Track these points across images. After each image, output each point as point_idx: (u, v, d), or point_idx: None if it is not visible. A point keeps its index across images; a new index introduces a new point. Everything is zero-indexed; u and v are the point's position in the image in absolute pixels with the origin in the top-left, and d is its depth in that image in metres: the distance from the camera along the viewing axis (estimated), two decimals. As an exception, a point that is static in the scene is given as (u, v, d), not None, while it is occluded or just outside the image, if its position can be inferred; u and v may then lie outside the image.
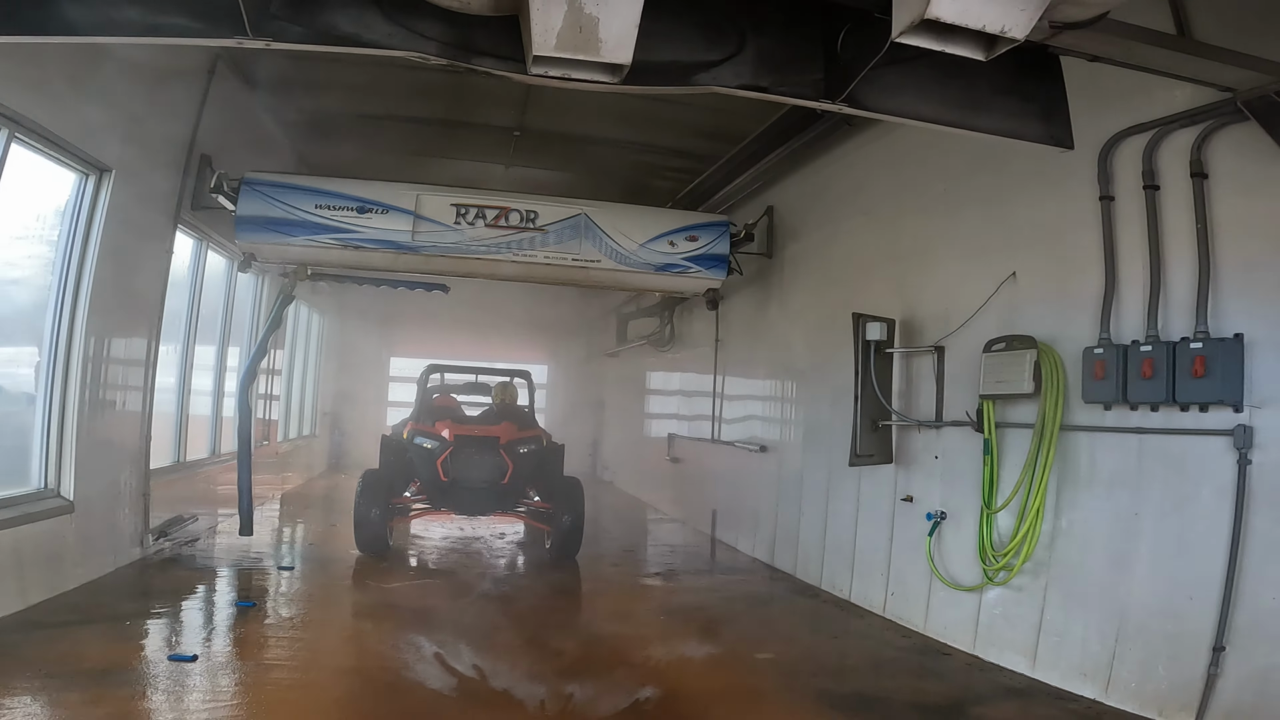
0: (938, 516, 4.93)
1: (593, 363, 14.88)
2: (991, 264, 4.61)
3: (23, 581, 4.64)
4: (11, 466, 4.98)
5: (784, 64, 3.00)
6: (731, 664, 4.66)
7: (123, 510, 5.94)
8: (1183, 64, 2.96)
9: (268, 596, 5.69)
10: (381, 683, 4.11)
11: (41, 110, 4.45)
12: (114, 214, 5.30)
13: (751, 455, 7.59)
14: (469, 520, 8.33)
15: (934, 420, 5.01)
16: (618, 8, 2.48)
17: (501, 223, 6.68)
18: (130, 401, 6.01)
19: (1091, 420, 3.94)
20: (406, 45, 2.73)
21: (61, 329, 5.06)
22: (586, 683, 4.22)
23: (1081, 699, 3.94)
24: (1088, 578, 3.98)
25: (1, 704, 3.25)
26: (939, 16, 2.22)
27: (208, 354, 7.97)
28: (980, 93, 3.22)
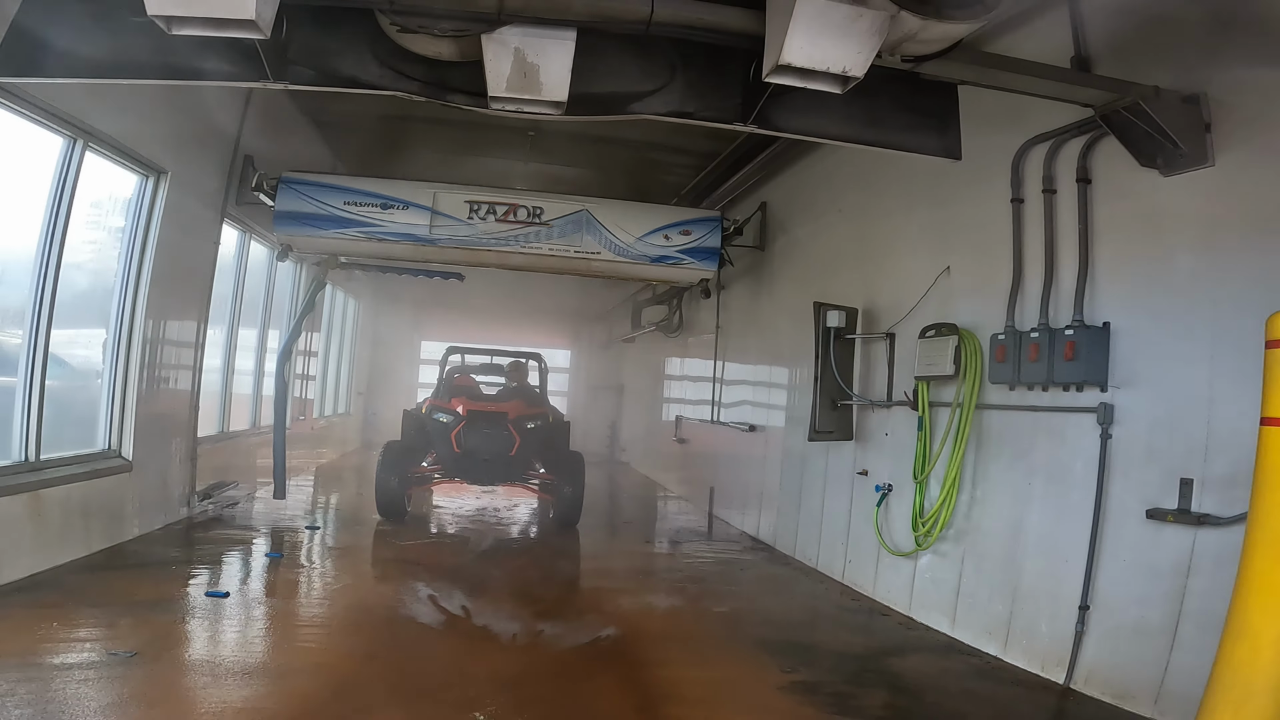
0: (885, 489, 5.55)
1: (612, 348, 15.69)
2: (933, 260, 5.20)
3: (88, 532, 5.59)
4: (82, 432, 5.97)
5: (707, 92, 3.68)
6: (689, 615, 5.40)
7: (172, 473, 6.93)
8: (1039, 85, 3.53)
9: (295, 550, 6.62)
10: (381, 617, 4.96)
11: (109, 122, 5.36)
12: (169, 210, 6.24)
13: (743, 436, 8.27)
14: (484, 493, 9.20)
15: (885, 400, 5.63)
16: (554, 58, 3.20)
17: (510, 218, 7.47)
18: (181, 376, 6.99)
19: (1000, 399, 4.54)
20: (395, 85, 3.50)
21: (125, 312, 6.03)
22: (557, 623, 5.02)
23: (985, 655, 4.52)
24: (993, 544, 4.58)
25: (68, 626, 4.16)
26: (791, 62, 2.88)
27: (249, 336, 8.98)
28: (882, 111, 3.83)
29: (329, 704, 3.49)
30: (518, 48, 3.19)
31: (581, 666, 4.32)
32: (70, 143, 5.14)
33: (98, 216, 6.09)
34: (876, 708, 3.84)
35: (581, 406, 15.10)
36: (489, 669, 4.10)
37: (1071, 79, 3.48)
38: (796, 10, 2.80)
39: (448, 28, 3.16)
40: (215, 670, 3.87)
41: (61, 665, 3.59)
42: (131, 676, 3.55)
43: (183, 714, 3.31)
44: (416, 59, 3.43)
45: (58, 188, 5.10)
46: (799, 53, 2.87)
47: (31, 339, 5.01)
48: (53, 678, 3.46)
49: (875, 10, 2.82)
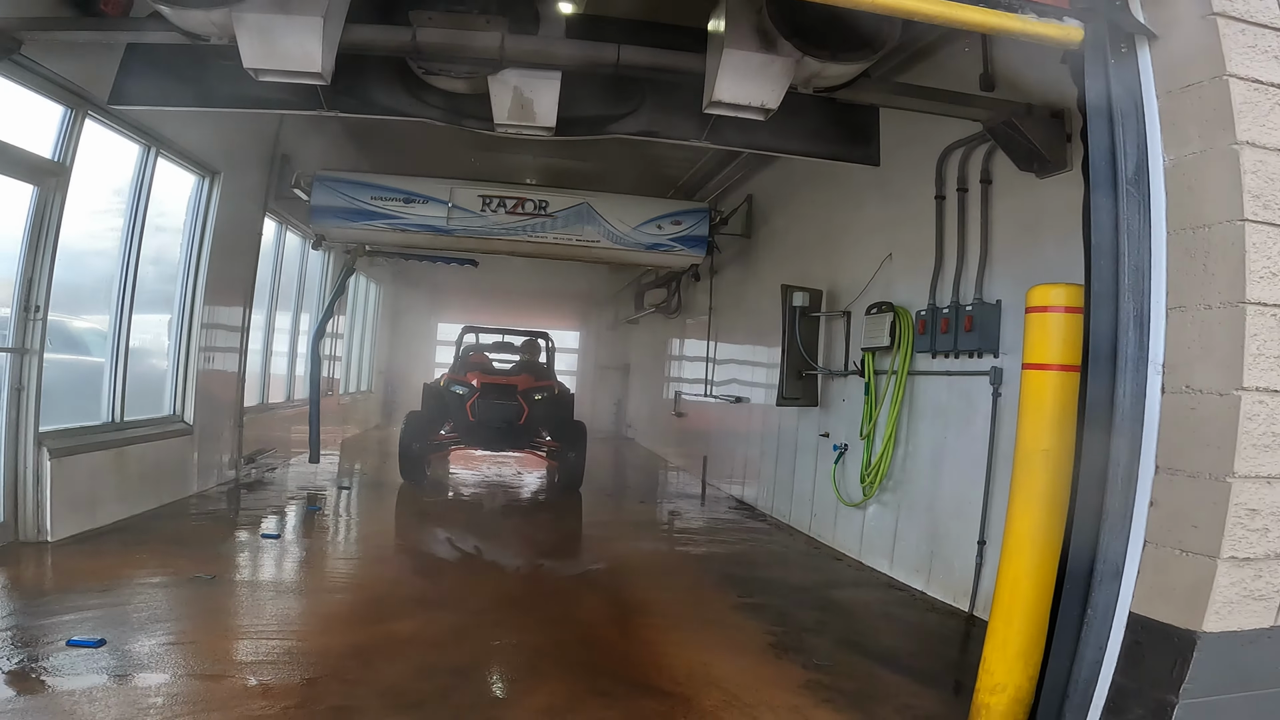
0: (842, 448, 6.56)
1: (619, 329, 16.77)
2: (880, 248, 6.18)
3: (159, 486, 6.74)
4: (153, 401, 7.12)
5: (670, 115, 4.67)
6: (668, 555, 6.48)
7: (224, 439, 8.10)
8: (934, 106, 4.47)
9: (330, 504, 7.77)
10: (405, 554, 6.10)
11: (176, 132, 6.45)
12: (222, 206, 7.36)
13: (731, 408, 9.30)
14: (496, 461, 10.31)
15: (843, 370, 6.62)
16: (544, 93, 4.23)
17: (519, 210, 8.52)
18: (230, 352, 8.14)
19: (924, 366, 5.52)
20: (422, 114, 4.54)
21: (187, 296, 7.16)
22: (555, 560, 6.13)
23: (913, 589, 5.52)
24: (919, 492, 5.57)
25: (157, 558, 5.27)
26: (720, 98, 3.88)
27: (284, 319, 10.14)
28: (816, 126, 4.80)
29: (364, 611, 4.59)
30: (516, 85, 4.21)
31: (572, 590, 5.41)
32: (145, 150, 6.25)
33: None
34: (807, 622, 4.83)
35: (590, 385, 16.22)
36: (495, 591, 5.19)
37: (961, 100, 4.41)
38: (724, 59, 3.79)
39: (461, 71, 4.19)
40: (275, 589, 5.04)
41: (160, 584, 4.68)
42: (214, 593, 4.67)
43: (255, 615, 4.43)
44: (439, 93, 4.46)
45: (136, 188, 6.23)
46: (726, 92, 3.86)
47: (117, 318, 6.15)
48: (156, 592, 4.56)
49: (784, 56, 3.80)
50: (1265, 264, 2.32)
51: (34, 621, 3.80)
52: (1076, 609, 2.69)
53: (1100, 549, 2.61)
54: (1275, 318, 2.32)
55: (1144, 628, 2.58)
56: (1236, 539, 2.35)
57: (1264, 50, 2.46)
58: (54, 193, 5.11)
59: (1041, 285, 2.99)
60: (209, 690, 3.28)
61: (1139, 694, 2.60)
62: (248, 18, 3.65)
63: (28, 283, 4.99)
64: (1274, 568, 2.39)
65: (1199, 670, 2.44)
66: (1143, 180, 2.60)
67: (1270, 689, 2.54)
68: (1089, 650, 2.69)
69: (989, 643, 3.16)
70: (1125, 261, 2.56)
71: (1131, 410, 2.55)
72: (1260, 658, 2.49)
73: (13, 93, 4.69)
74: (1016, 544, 3.05)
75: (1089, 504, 2.61)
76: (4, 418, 4.99)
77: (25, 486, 5.12)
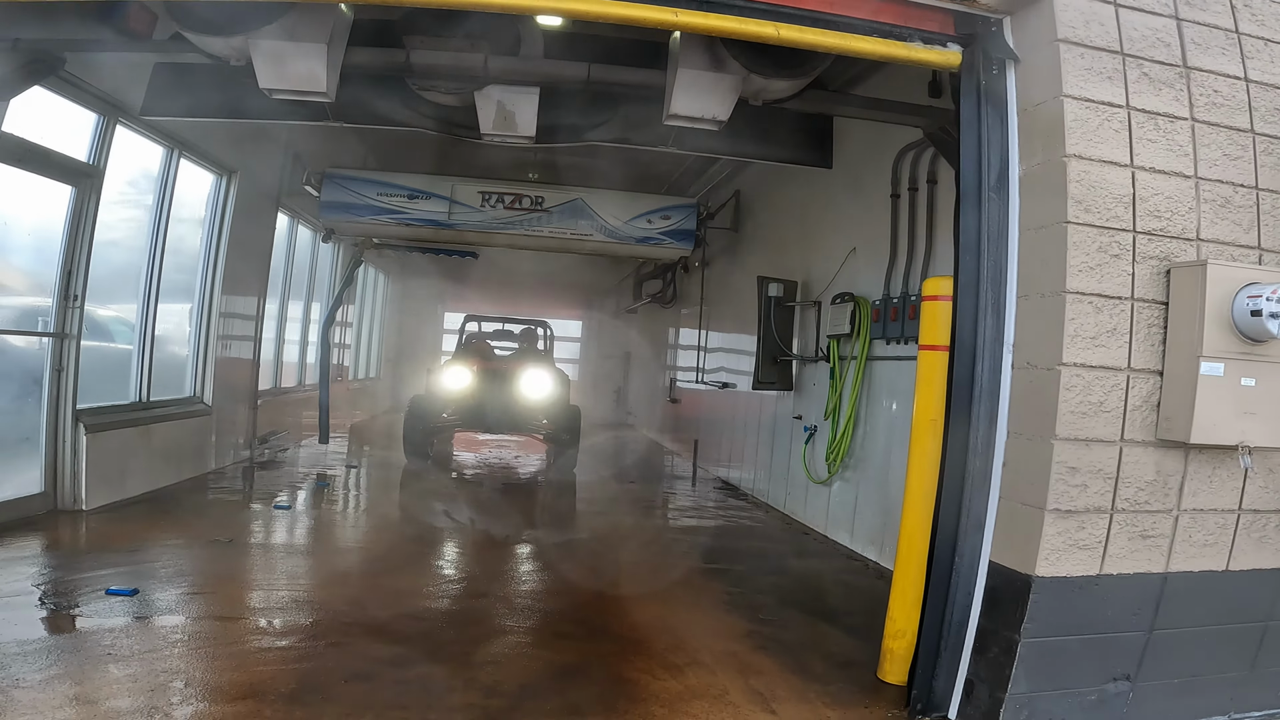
0: (812, 429, 7.12)
1: (620, 319, 17.38)
2: (847, 242, 6.72)
3: (181, 462, 7.44)
4: (176, 383, 7.79)
5: (639, 124, 5.24)
6: (647, 528, 7.08)
7: (239, 420, 8.79)
8: (877, 115, 5.00)
9: (338, 479, 8.44)
10: (406, 523, 6.75)
11: (197, 135, 7.10)
12: (238, 203, 8.01)
13: (719, 394, 9.88)
14: (497, 446, 10.95)
15: (814, 356, 7.17)
16: (524, 106, 4.82)
17: (516, 205, 9.14)
18: (245, 339, 8.82)
19: (880, 352, 6.07)
20: (418, 123, 5.15)
21: (206, 285, 7.83)
22: (542, 530, 6.75)
23: (868, 559, 6.05)
24: (875, 469, 6.12)
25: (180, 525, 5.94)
26: (677, 112, 4.44)
27: (295, 307, 10.82)
28: (775, 132, 5.35)
29: (364, 569, 5.24)
30: (499, 100, 4.80)
31: (555, 554, 6.02)
32: (169, 151, 6.91)
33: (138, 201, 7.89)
34: (764, 585, 5.38)
35: (592, 373, 16.84)
36: (483, 555, 5.85)
37: (902, 109, 4.91)
38: (678, 76, 4.35)
39: (451, 87, 4.78)
40: (287, 550, 5.69)
41: (183, 546, 5.33)
42: (231, 554, 5.33)
43: (267, 572, 5.08)
44: (432, 105, 5.06)
45: (161, 187, 6.88)
46: (682, 106, 4.42)
47: (143, 306, 6.82)
48: (179, 552, 5.21)
49: (731, 74, 4.34)
50: (1083, 259, 2.86)
51: (76, 575, 4.46)
52: (948, 559, 3.24)
53: (966, 505, 3.17)
54: (1091, 304, 2.86)
55: (999, 574, 3.13)
56: (1059, 493, 2.89)
57: (1098, 72, 2.98)
58: (89, 193, 5.77)
59: (933, 278, 3.55)
60: (226, 629, 3.92)
61: (996, 634, 3.14)
62: (262, 44, 4.25)
63: (67, 274, 5.65)
64: (1095, 520, 2.93)
65: (1036, 611, 2.97)
66: (1004, 187, 3.14)
67: (1100, 634, 3.05)
68: (959, 595, 3.24)
69: (893, 593, 3.71)
70: (986, 258, 3.10)
71: (989, 384, 3.10)
72: (1089, 603, 3.00)
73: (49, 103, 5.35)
74: (912, 503, 3.61)
75: (957, 466, 3.17)
76: (46, 396, 5.66)
77: (64, 459, 5.80)
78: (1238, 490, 3.04)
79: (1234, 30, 3.15)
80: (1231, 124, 3.05)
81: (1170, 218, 2.94)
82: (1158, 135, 2.96)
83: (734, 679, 3.72)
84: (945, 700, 3.33)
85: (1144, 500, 2.95)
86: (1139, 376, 2.91)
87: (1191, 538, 3.03)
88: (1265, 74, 3.13)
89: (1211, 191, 2.98)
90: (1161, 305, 2.91)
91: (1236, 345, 2.76)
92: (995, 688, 3.11)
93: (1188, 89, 3.03)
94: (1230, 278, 2.76)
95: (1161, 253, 2.92)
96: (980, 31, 3.31)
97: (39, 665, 3.29)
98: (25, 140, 5.08)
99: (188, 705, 3.05)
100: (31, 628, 3.73)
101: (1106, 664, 3.12)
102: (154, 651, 3.53)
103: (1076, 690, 3.12)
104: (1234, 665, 3.28)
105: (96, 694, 3.06)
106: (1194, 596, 3.10)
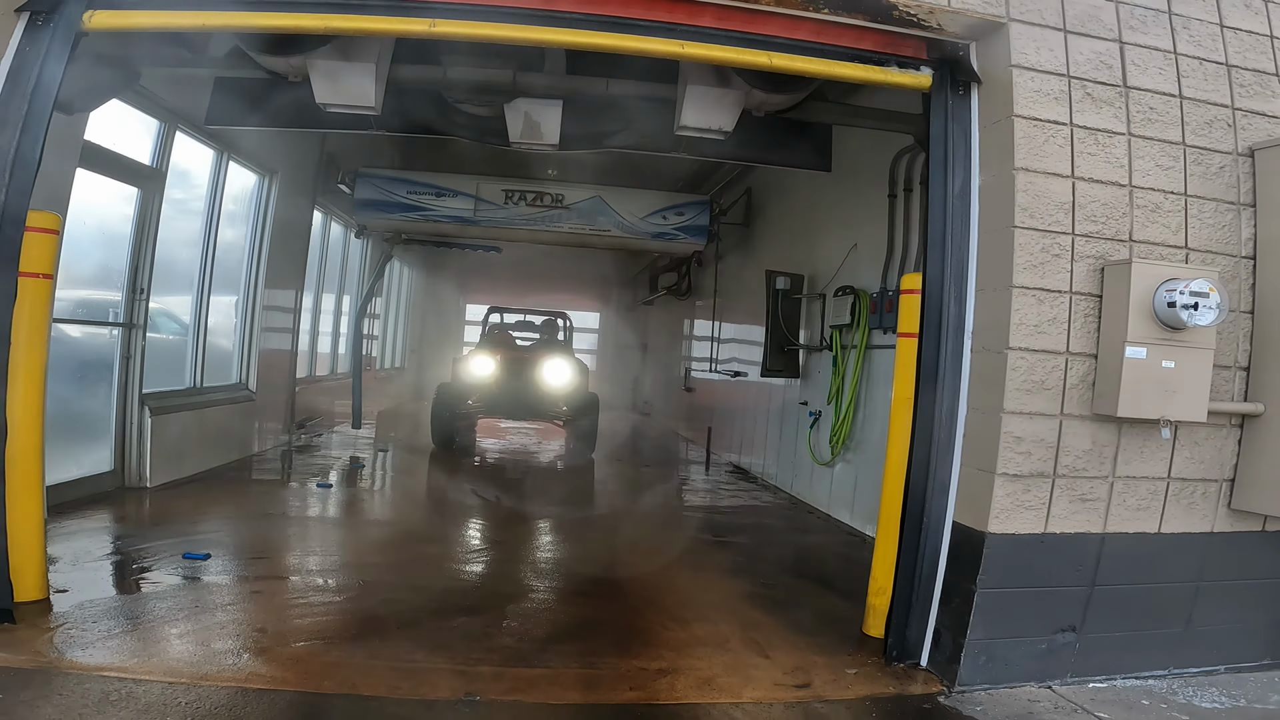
0: (816, 414, 7.64)
1: (637, 311, 17.94)
2: (850, 238, 7.22)
3: (229, 445, 8.09)
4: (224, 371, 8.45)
5: (653, 132, 5.73)
6: (661, 507, 7.65)
7: (279, 406, 9.45)
8: (872, 123, 5.50)
9: (371, 462, 9.09)
10: (435, 499, 7.39)
11: (243, 139, 7.73)
12: (279, 201, 8.65)
13: (731, 382, 10.42)
14: (520, 433, 11.56)
15: (819, 345, 7.69)
16: (549, 117, 5.37)
17: (538, 202, 9.71)
18: (285, 330, 9.48)
19: (878, 341, 6.58)
20: (452, 132, 5.71)
21: (251, 279, 8.48)
22: (563, 507, 7.35)
23: (866, 535, 6.49)
24: (874, 451, 6.61)
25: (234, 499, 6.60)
26: (686, 124, 4.96)
27: (330, 301, 11.48)
28: (778, 137, 5.84)
29: (402, 539, 5.84)
30: (526, 111, 5.36)
31: (573, 527, 6.63)
32: (219, 154, 7.55)
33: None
34: (767, 555, 5.94)
35: (610, 364, 17.42)
36: (508, 528, 6.44)
37: (894, 117, 5.37)
38: (687, 92, 4.89)
39: (483, 100, 5.35)
40: (329, 522, 6.35)
41: (240, 518, 5.98)
42: (284, 526, 5.98)
43: (319, 540, 5.76)
44: (466, 114, 5.63)
45: (213, 187, 7.53)
46: (691, 119, 4.95)
47: (197, 299, 7.47)
48: (238, 524, 5.84)
49: (735, 90, 4.86)
50: (1027, 259, 3.36)
51: (153, 543, 5.08)
52: (918, 520, 3.76)
53: (933, 471, 3.69)
54: (1034, 297, 3.37)
55: (961, 532, 3.64)
56: (1007, 460, 3.40)
57: (1046, 93, 3.48)
58: (154, 194, 6.41)
59: (910, 274, 4.06)
60: (290, 586, 4.54)
61: (958, 587, 3.64)
62: (319, 64, 4.82)
63: (134, 269, 6.30)
64: (1039, 484, 3.44)
65: (989, 565, 3.47)
66: (967, 195, 3.65)
67: (1047, 587, 3.54)
68: (928, 552, 3.74)
69: (875, 555, 4.20)
70: (950, 256, 3.62)
71: (952, 366, 3.62)
72: (1036, 558, 3.49)
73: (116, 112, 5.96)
74: (891, 473, 4.13)
75: (925, 437, 3.69)
76: (115, 382, 6.32)
77: (131, 440, 6.46)
78: (1166, 460, 3.54)
79: (1172, 51, 3.63)
80: (1165, 138, 3.53)
81: (1106, 222, 3.44)
82: (1097, 149, 3.46)
83: (735, 631, 4.26)
84: (918, 648, 3.81)
85: (1082, 467, 3.46)
86: (1076, 359, 3.42)
87: (1125, 502, 3.53)
88: (1198, 91, 3.61)
89: (1144, 198, 3.47)
90: (1096, 298, 3.42)
91: (1157, 332, 3.26)
92: (957, 634, 3.59)
93: (1126, 107, 3.52)
94: (1152, 274, 3.26)
95: (1097, 252, 3.42)
96: (950, 56, 3.81)
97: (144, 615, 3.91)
98: (102, 146, 5.71)
99: (270, 646, 3.65)
100: (126, 585, 4.37)
101: (1054, 616, 3.59)
102: (233, 604, 4.14)
103: (1028, 638, 3.59)
104: (1171, 623, 3.72)
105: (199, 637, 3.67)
106: (1130, 556, 3.58)
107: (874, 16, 3.65)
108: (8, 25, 3.51)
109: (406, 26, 3.63)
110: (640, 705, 3.34)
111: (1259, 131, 3.64)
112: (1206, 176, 3.56)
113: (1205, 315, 3.14)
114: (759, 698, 3.47)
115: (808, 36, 3.77)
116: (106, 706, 2.95)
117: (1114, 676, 3.71)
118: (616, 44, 3.68)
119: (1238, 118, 3.62)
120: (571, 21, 3.63)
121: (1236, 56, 3.67)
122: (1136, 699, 3.57)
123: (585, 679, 3.54)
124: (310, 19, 3.64)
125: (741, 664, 3.82)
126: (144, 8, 3.63)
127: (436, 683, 3.39)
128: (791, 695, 3.51)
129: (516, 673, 3.55)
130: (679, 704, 3.38)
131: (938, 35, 3.76)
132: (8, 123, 3.46)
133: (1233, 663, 3.85)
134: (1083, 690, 3.64)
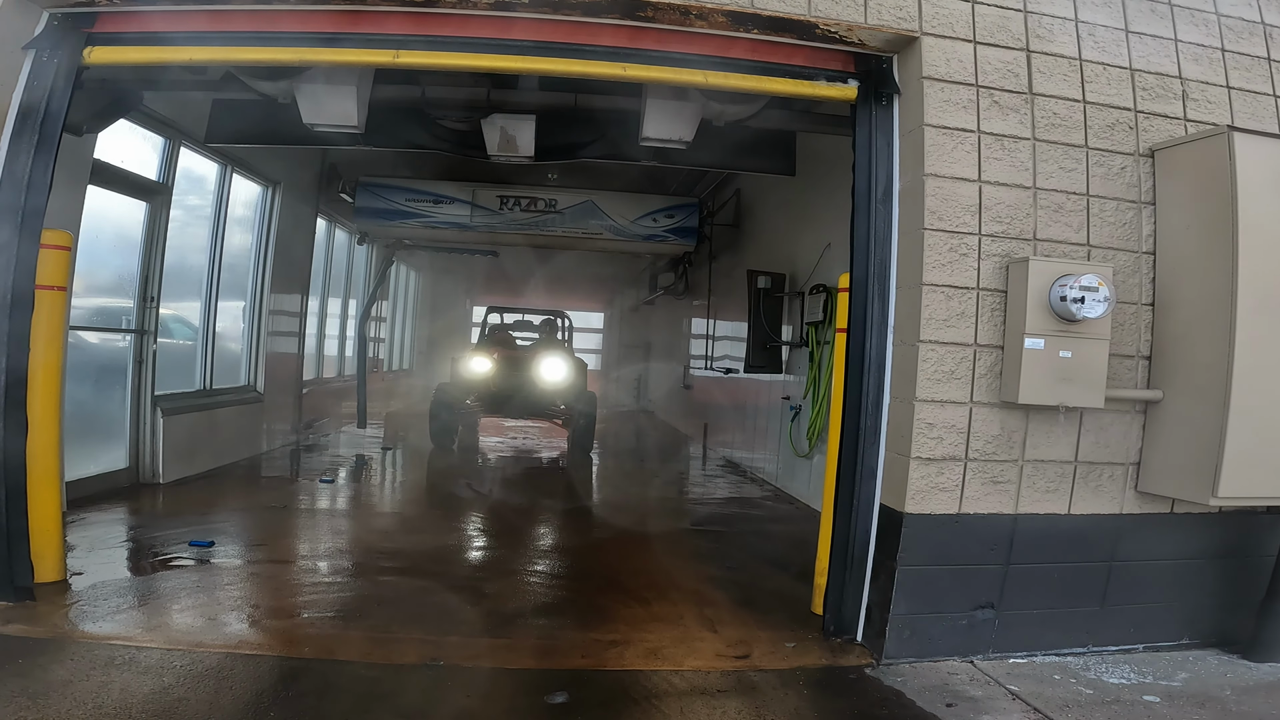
0: (797, 408, 7.98)
1: (640, 311, 18.34)
2: (823, 238, 7.55)
3: (238, 444, 8.60)
4: (232, 374, 8.96)
5: (625, 142, 6.12)
6: (647, 499, 8.04)
7: (286, 407, 9.96)
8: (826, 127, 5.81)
9: (375, 459, 9.56)
10: (434, 493, 7.82)
11: (245, 151, 8.21)
12: (282, 211, 9.14)
13: (724, 379, 10.77)
14: (519, 432, 11.99)
15: (799, 342, 8.02)
16: (523, 130, 5.78)
17: (532, 208, 10.14)
18: (291, 333, 9.98)
19: (848, 336, 6.90)
20: (435, 145, 6.15)
21: (257, 285, 8.98)
22: (555, 499, 7.75)
23: None
24: (847, 434, 6.95)
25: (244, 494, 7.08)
26: (649, 135, 5.34)
27: (335, 305, 12.00)
28: (748, 144, 6.21)
29: (399, 528, 6.30)
30: (502, 126, 5.78)
31: (563, 518, 7.02)
32: (223, 167, 8.04)
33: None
34: (738, 542, 6.28)
35: (613, 363, 17.84)
36: (500, 518, 6.85)
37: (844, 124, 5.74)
38: (647, 106, 5.27)
39: (461, 115, 5.78)
40: (334, 514, 6.77)
41: (246, 510, 6.44)
42: (286, 517, 6.42)
43: (318, 530, 6.19)
44: (446, 129, 6.06)
45: (218, 199, 8.02)
46: (652, 130, 5.34)
47: (205, 304, 7.97)
48: (244, 516, 6.29)
49: (693, 103, 5.24)
50: (936, 258, 3.69)
51: (164, 532, 5.54)
52: (849, 502, 4.08)
53: (861, 457, 4.03)
54: (943, 294, 3.70)
55: (885, 513, 3.93)
56: (921, 444, 3.73)
57: (955, 103, 3.80)
58: (161, 207, 6.90)
59: (844, 273, 4.40)
60: (283, 569, 4.97)
61: (883, 564, 3.90)
62: (304, 87, 5.27)
63: (145, 278, 6.80)
64: (951, 467, 3.76)
65: (908, 543, 3.75)
66: (889, 199, 3.99)
67: (964, 564, 3.82)
68: (859, 533, 4.04)
69: (820, 537, 4.50)
70: (874, 256, 3.96)
71: (877, 358, 3.96)
72: (952, 537, 3.77)
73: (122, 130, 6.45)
74: (832, 459, 4.44)
75: (853, 425, 4.04)
76: (129, 384, 6.82)
77: (144, 439, 6.95)
78: (1073, 445, 3.85)
79: (1077, 58, 3.93)
80: (1068, 141, 3.85)
81: (1011, 222, 3.76)
82: (1003, 154, 3.79)
83: (690, 609, 4.62)
84: (853, 624, 4.10)
85: (992, 451, 3.79)
86: (984, 350, 3.75)
87: (1035, 484, 3.84)
88: (1101, 95, 3.92)
89: (1048, 199, 3.79)
90: (1002, 293, 3.74)
91: (1054, 325, 3.58)
92: (883, 610, 3.85)
93: (1031, 113, 3.84)
94: (1049, 270, 3.58)
95: (1003, 251, 3.75)
96: (874, 69, 4.14)
97: (150, 593, 4.37)
98: (111, 164, 6.20)
99: (260, 619, 4.08)
100: (136, 568, 4.84)
101: (972, 592, 3.85)
102: (231, 585, 4.58)
103: (949, 614, 3.85)
104: (1086, 601, 3.96)
105: (198, 612, 4.12)
106: (1043, 536, 3.85)
107: (800, 35, 3.99)
108: (16, 62, 3.96)
109: (373, 58, 4.03)
110: (588, 671, 3.72)
111: (1160, 133, 3.94)
112: (1108, 177, 3.87)
113: (1094, 308, 3.46)
114: (699, 666, 3.82)
115: (742, 55, 4.12)
116: (111, 668, 3.39)
117: (1034, 653, 3.95)
118: (566, 69, 4.07)
119: (1140, 120, 3.92)
120: (524, 49, 4.01)
121: (1140, 60, 3.96)
122: (1050, 674, 3.84)
123: (542, 648, 3.93)
124: (288, 53, 4.05)
125: (690, 637, 4.17)
126: (138, 44, 4.06)
127: (406, 650, 3.79)
128: (730, 665, 3.85)
129: (481, 642, 3.95)
130: (624, 670, 3.74)
131: (861, 50, 4.10)
132: (21, 151, 3.91)
133: (1150, 641, 4.07)
134: (1002, 665, 3.90)
